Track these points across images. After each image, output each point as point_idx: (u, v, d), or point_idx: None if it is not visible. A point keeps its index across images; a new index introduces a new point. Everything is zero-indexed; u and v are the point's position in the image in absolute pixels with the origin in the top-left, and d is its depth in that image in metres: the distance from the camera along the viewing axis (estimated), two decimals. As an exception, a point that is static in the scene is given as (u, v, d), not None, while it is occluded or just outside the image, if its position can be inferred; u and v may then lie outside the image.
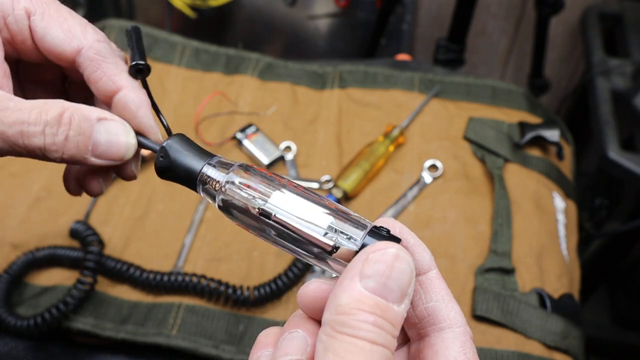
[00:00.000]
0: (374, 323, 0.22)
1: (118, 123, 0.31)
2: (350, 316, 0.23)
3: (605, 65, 1.03)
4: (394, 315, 0.23)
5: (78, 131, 0.29)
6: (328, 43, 1.44)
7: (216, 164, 0.30)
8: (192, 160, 0.30)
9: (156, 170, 0.32)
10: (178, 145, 0.31)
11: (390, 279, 0.23)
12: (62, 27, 0.31)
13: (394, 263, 0.24)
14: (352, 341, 0.22)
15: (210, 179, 0.30)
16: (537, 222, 0.65)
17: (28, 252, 0.60)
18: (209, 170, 0.30)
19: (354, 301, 0.23)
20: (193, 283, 0.59)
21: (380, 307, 0.23)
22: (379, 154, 0.69)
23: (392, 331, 0.23)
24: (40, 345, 0.58)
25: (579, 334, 0.59)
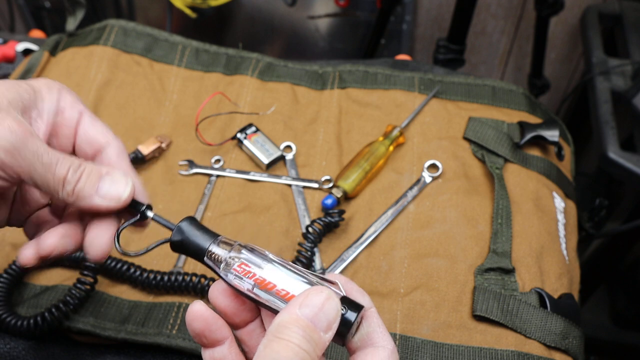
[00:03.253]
0: (303, 335, 0.31)
1: (120, 173, 0.40)
2: (287, 328, 0.31)
3: (605, 65, 1.03)
4: (319, 338, 0.32)
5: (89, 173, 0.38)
6: (328, 43, 1.44)
7: (219, 243, 0.38)
8: (200, 239, 0.38)
9: (171, 245, 0.39)
10: (190, 226, 0.39)
11: (322, 311, 0.32)
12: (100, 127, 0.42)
13: (326, 301, 0.32)
14: (285, 343, 0.30)
15: (215, 254, 0.38)
16: (537, 222, 0.66)
17: (28, 252, 0.60)
18: (214, 248, 0.38)
19: (292, 320, 0.32)
20: (193, 283, 0.59)
21: (310, 329, 0.31)
22: (379, 154, 0.69)
23: (315, 349, 0.31)
24: (40, 345, 0.58)
25: (579, 334, 0.59)
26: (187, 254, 0.39)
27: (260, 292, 0.35)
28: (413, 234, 0.65)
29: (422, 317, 0.59)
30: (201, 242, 0.38)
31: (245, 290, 0.36)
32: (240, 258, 0.37)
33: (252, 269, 0.36)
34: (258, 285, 0.35)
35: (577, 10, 1.32)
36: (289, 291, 0.35)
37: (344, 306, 0.34)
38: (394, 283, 0.61)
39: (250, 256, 0.37)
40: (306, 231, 0.63)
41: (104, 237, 0.41)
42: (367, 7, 1.38)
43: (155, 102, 0.76)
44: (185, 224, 0.39)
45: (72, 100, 0.41)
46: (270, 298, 0.35)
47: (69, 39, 0.82)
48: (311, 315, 0.32)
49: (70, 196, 0.38)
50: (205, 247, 0.38)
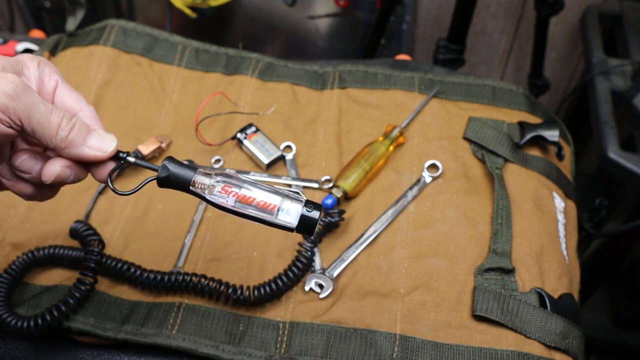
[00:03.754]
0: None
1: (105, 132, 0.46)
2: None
3: (605, 65, 1.03)
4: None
5: (80, 125, 0.44)
6: (328, 43, 1.44)
7: (201, 174, 0.44)
8: (184, 172, 0.43)
9: (158, 182, 0.44)
10: (172, 163, 0.44)
11: None
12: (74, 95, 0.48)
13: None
14: None
15: (199, 183, 0.43)
16: (537, 222, 0.66)
17: (28, 252, 0.60)
18: (198, 178, 0.43)
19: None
20: (193, 283, 0.59)
21: None
22: (379, 154, 0.69)
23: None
24: (41, 345, 0.58)
25: (579, 334, 0.60)
26: (173, 187, 0.44)
27: (242, 206, 0.43)
28: (413, 234, 0.65)
29: (422, 317, 0.59)
30: (185, 175, 0.43)
31: (229, 206, 0.43)
32: (221, 182, 0.43)
33: (233, 189, 0.43)
34: (241, 201, 0.43)
35: (577, 10, 1.32)
36: (267, 201, 0.43)
37: (308, 207, 0.43)
38: (394, 283, 0.61)
39: (230, 180, 0.43)
40: (306, 231, 0.63)
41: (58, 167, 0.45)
42: (367, 7, 1.38)
43: (155, 102, 0.76)
44: (168, 162, 0.43)
45: (50, 71, 0.46)
46: (251, 209, 0.43)
47: (69, 39, 0.82)
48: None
49: (63, 142, 0.42)
50: (189, 177, 0.43)
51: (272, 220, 0.44)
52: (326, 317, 0.59)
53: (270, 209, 0.43)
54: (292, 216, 0.43)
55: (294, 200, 0.44)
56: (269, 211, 0.43)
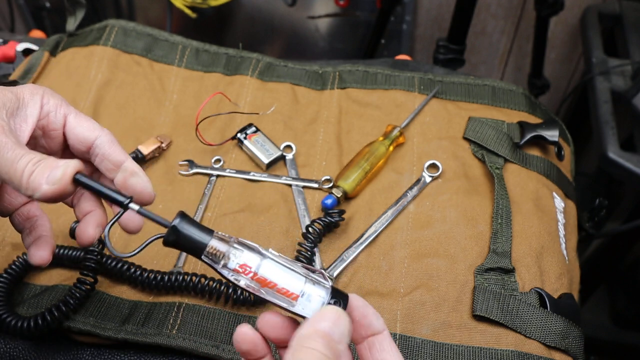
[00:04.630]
0: (323, 344, 0.35)
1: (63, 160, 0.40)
2: (309, 338, 0.35)
3: (605, 65, 1.03)
4: (335, 347, 0.35)
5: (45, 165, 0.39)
6: (328, 43, 1.44)
7: (217, 240, 0.39)
8: (197, 236, 0.38)
9: (164, 243, 0.39)
10: (184, 222, 0.39)
11: (336, 325, 0.36)
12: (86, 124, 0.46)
13: (339, 317, 0.37)
14: (309, 350, 0.34)
15: (213, 252, 0.38)
16: (537, 222, 0.66)
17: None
18: (213, 244, 0.38)
19: (313, 331, 0.35)
20: (193, 283, 0.59)
21: (329, 338, 0.35)
22: (379, 154, 0.69)
23: (334, 356, 0.35)
24: (40, 345, 0.58)
25: (579, 334, 0.60)
26: (182, 250, 0.39)
27: (258, 287, 0.38)
28: (413, 234, 0.65)
29: (422, 317, 0.59)
30: (198, 240, 0.38)
31: (243, 285, 0.38)
32: (238, 255, 0.38)
33: (252, 268, 0.38)
34: (259, 284, 0.38)
35: (577, 10, 1.32)
36: (289, 289, 0.38)
37: (336, 299, 0.38)
38: (394, 283, 0.61)
39: (249, 254, 0.38)
40: (306, 231, 0.63)
41: (84, 226, 0.45)
42: (367, 7, 1.38)
43: (155, 102, 0.76)
44: (179, 222, 0.39)
45: (56, 103, 0.44)
46: (268, 293, 0.38)
47: (69, 39, 0.82)
48: (328, 328, 0.36)
49: (27, 189, 0.39)
50: (203, 244, 0.38)
51: (288, 308, 0.38)
52: (326, 317, 0.59)
53: (292, 298, 0.38)
54: (312, 307, 0.38)
55: (318, 287, 0.38)
56: (288, 300, 0.38)
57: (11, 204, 0.48)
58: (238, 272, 0.38)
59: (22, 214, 0.48)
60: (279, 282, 0.38)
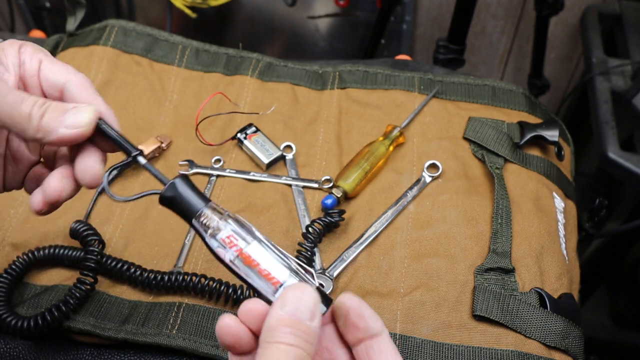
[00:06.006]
0: (291, 332, 0.32)
1: (85, 104, 0.40)
2: (275, 330, 0.33)
3: (605, 65, 1.03)
4: (307, 328, 0.33)
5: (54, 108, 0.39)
6: (328, 43, 1.44)
7: (211, 209, 0.38)
8: (193, 200, 0.38)
9: (160, 199, 0.39)
10: (183, 184, 0.38)
11: (301, 303, 0.34)
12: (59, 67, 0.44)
13: (302, 294, 0.34)
14: (276, 345, 0.32)
15: (205, 219, 0.38)
16: (537, 222, 0.66)
17: (28, 252, 0.60)
18: (206, 212, 0.38)
19: (277, 321, 0.33)
20: (193, 283, 0.59)
21: (295, 323, 0.33)
22: (379, 154, 0.69)
23: (307, 339, 0.33)
24: (40, 345, 0.58)
25: (579, 334, 0.60)
26: (175, 211, 0.39)
27: (241, 266, 0.36)
28: (413, 234, 0.65)
29: (422, 317, 0.59)
30: (193, 203, 0.38)
31: (226, 259, 0.37)
32: (228, 228, 0.37)
33: (239, 242, 0.37)
34: (242, 260, 0.37)
35: (577, 10, 1.32)
36: (271, 272, 0.37)
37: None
38: (394, 283, 0.61)
39: (239, 229, 0.37)
40: (306, 231, 0.63)
41: (93, 163, 0.42)
42: (367, 7, 1.38)
43: (155, 102, 0.76)
44: (179, 181, 0.38)
45: (32, 51, 0.43)
46: (250, 273, 0.37)
47: (69, 39, 0.82)
48: (293, 310, 0.33)
49: (37, 132, 0.39)
50: (196, 209, 0.38)
51: (267, 296, 0.37)
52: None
53: (272, 283, 0.37)
54: None
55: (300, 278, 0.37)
56: (269, 284, 0.37)
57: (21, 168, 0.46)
58: (225, 244, 0.37)
59: (32, 178, 0.47)
60: (262, 263, 0.36)
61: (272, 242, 0.38)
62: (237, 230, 0.37)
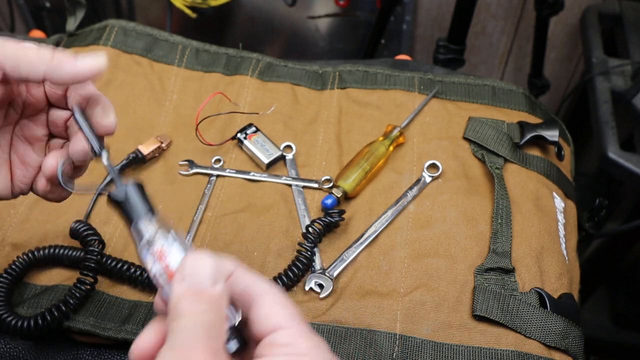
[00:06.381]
0: (193, 300, 0.31)
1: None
2: (178, 304, 0.32)
3: (605, 65, 1.03)
4: (210, 294, 0.32)
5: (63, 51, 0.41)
6: (328, 43, 1.44)
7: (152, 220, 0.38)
8: (138, 208, 0.39)
9: (108, 199, 0.40)
10: (135, 190, 0.39)
11: (197, 272, 0.33)
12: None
13: (196, 262, 0.33)
14: (181, 317, 0.31)
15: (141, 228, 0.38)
16: (537, 222, 0.66)
17: (28, 252, 0.60)
18: (144, 222, 0.38)
19: (179, 294, 0.32)
20: (193, 283, 0.59)
21: (196, 291, 0.32)
22: (379, 154, 0.69)
23: (212, 305, 0.31)
24: (40, 345, 0.58)
25: (579, 334, 0.60)
26: (119, 213, 0.40)
27: (163, 280, 0.35)
28: (413, 234, 0.65)
29: (422, 317, 0.59)
30: (136, 210, 0.38)
31: (152, 273, 0.36)
32: (160, 243, 0.37)
33: (168, 257, 0.36)
34: (164, 273, 0.36)
35: (577, 10, 1.32)
36: (171, 266, 0.36)
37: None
38: (394, 283, 0.61)
39: (175, 246, 0.37)
40: (306, 231, 0.63)
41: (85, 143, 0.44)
42: (367, 7, 1.38)
43: (155, 102, 0.76)
44: (132, 187, 0.39)
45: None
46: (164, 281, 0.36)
47: (69, 39, 0.82)
48: (191, 281, 0.32)
49: (49, 67, 0.40)
50: (137, 216, 0.38)
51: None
52: (326, 317, 0.59)
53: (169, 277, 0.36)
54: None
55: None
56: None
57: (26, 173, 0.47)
58: (154, 257, 0.36)
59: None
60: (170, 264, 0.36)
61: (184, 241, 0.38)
62: (170, 246, 0.37)
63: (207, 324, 0.31)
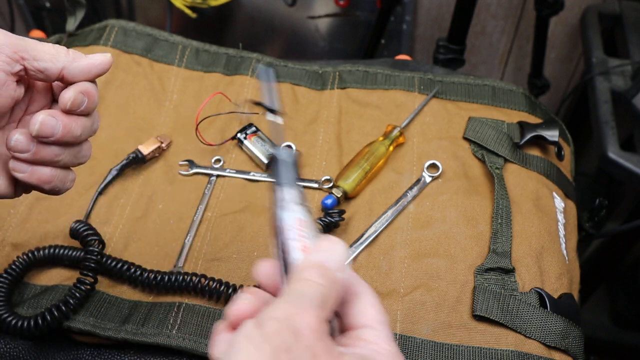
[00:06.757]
0: (319, 274, 0.34)
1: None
2: (305, 270, 0.34)
3: (605, 65, 1.03)
4: (334, 276, 0.34)
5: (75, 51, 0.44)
6: (328, 43, 1.44)
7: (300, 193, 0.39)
8: (293, 176, 0.39)
9: (271, 160, 0.41)
10: (290, 157, 0.40)
11: (331, 253, 0.35)
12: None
13: (333, 245, 0.36)
14: (305, 281, 0.34)
15: (293, 197, 0.38)
16: (537, 222, 0.66)
17: (28, 252, 0.60)
18: (294, 189, 0.39)
19: (308, 263, 0.35)
20: (193, 283, 0.59)
21: (324, 269, 0.34)
22: (379, 154, 0.69)
23: (333, 286, 0.34)
24: (40, 345, 0.58)
25: (579, 334, 0.60)
26: (274, 175, 0.40)
27: (292, 243, 0.37)
28: (413, 234, 0.65)
29: (422, 317, 0.59)
30: (291, 176, 0.39)
31: (284, 236, 0.37)
32: (304, 214, 0.38)
33: (306, 229, 0.37)
34: (298, 241, 0.36)
35: (577, 10, 1.32)
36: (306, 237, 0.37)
37: None
38: (394, 283, 0.61)
39: (310, 220, 0.38)
40: (306, 231, 0.63)
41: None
42: (367, 7, 1.38)
43: (155, 102, 0.76)
44: (297, 154, 0.41)
45: None
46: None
47: (69, 39, 0.82)
48: (323, 258, 0.35)
49: (65, 61, 0.42)
50: (290, 181, 0.39)
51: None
52: (326, 317, 0.59)
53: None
54: None
55: None
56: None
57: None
58: (295, 223, 0.37)
59: None
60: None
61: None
62: (308, 220, 0.38)
63: (324, 296, 0.33)
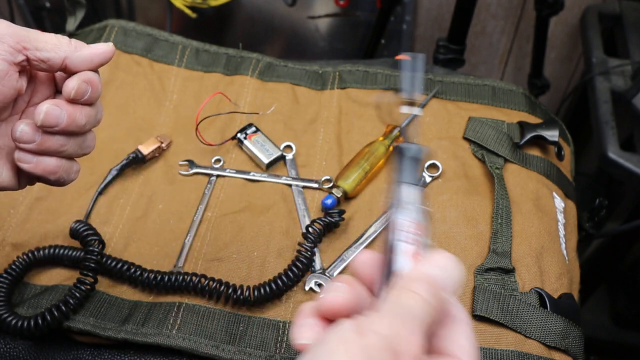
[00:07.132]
0: (429, 290, 0.31)
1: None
2: (415, 281, 0.32)
3: (605, 65, 1.03)
4: (440, 294, 0.32)
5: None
6: (328, 43, 1.44)
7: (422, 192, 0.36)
8: (415, 173, 0.37)
9: (397, 148, 0.37)
10: (418, 154, 0.37)
11: (447, 273, 0.33)
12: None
13: (452, 264, 0.33)
14: (412, 294, 0.31)
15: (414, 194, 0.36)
16: (537, 222, 0.66)
17: (28, 252, 0.60)
18: (416, 190, 0.36)
19: (420, 274, 0.32)
20: (193, 283, 0.59)
21: (436, 286, 0.32)
22: (379, 154, 0.69)
23: (437, 303, 0.32)
24: (40, 345, 0.58)
25: (579, 334, 0.60)
26: (396, 170, 0.37)
27: (403, 245, 0.34)
28: (413, 234, 0.65)
29: (422, 317, 0.59)
30: (414, 174, 0.36)
31: (395, 234, 0.34)
32: (422, 218, 0.35)
33: (422, 233, 0.34)
34: (411, 245, 0.34)
35: (577, 10, 1.32)
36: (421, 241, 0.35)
37: None
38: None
39: (427, 226, 0.35)
40: (306, 231, 0.63)
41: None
42: (367, 7, 1.38)
43: (155, 102, 0.76)
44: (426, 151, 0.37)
45: None
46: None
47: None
48: (437, 274, 0.32)
49: (71, 47, 0.42)
50: (413, 180, 0.36)
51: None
52: (326, 317, 0.59)
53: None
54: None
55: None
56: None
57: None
58: (410, 224, 0.34)
59: None
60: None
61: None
62: (424, 225, 0.35)
63: (431, 315, 0.31)
